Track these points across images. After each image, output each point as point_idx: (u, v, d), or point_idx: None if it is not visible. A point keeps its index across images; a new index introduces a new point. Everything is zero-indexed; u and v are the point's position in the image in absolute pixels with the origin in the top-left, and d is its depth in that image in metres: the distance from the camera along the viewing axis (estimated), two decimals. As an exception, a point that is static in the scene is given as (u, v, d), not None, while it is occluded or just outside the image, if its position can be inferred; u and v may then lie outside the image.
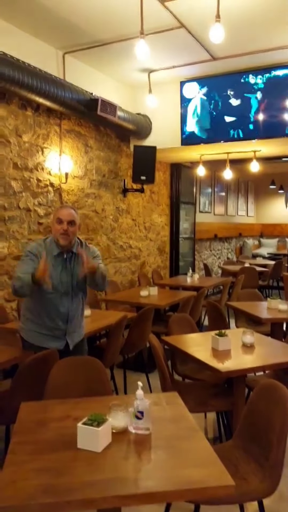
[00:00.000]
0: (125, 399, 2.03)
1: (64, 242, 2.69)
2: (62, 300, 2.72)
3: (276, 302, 4.22)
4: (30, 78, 4.01)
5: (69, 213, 2.69)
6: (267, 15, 4.01)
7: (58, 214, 2.70)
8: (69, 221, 2.67)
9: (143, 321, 3.85)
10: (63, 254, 2.73)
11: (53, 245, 2.73)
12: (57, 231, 2.68)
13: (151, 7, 3.72)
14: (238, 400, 2.66)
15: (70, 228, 2.67)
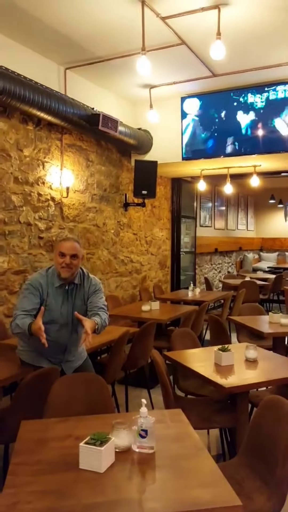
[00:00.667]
0: (128, 416, 1.98)
1: (66, 275, 2.63)
2: (62, 332, 2.67)
3: (278, 316, 4.19)
4: (32, 93, 4.04)
5: (72, 247, 2.64)
6: (268, 32, 4.05)
7: (60, 248, 2.64)
8: (72, 254, 2.62)
9: (145, 336, 3.81)
10: (64, 285, 2.68)
11: (55, 276, 2.68)
12: (58, 264, 2.63)
13: (152, 24, 3.77)
14: (241, 416, 2.61)
15: (73, 262, 2.62)
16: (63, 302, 2.67)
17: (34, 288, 2.62)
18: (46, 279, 2.67)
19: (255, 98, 5.32)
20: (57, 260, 2.64)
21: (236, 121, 5.46)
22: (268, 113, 5.26)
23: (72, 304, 2.70)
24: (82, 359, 2.90)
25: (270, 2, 3.54)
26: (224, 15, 3.66)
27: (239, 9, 3.65)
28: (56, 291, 2.66)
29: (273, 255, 13.03)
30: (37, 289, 2.61)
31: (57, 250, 2.65)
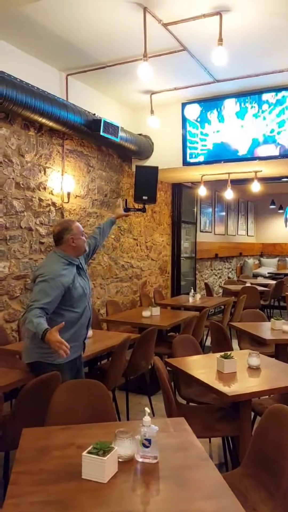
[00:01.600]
0: (130, 425, 1.96)
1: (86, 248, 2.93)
2: (88, 305, 2.86)
3: (280, 323, 4.17)
4: (33, 99, 4.04)
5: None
6: (270, 38, 4.06)
7: (79, 228, 2.85)
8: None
9: (146, 342, 3.78)
10: (74, 262, 2.84)
11: (71, 263, 2.80)
12: (84, 242, 2.87)
13: (154, 30, 3.78)
14: (244, 424, 2.58)
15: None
16: (83, 278, 2.86)
17: (60, 288, 2.64)
18: (65, 273, 2.71)
19: (258, 103, 5.32)
20: (82, 240, 2.84)
21: (238, 127, 5.46)
22: (269, 119, 5.27)
23: (86, 276, 2.94)
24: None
25: (271, 9, 3.55)
26: (225, 22, 3.66)
27: (240, 15, 3.65)
28: (76, 273, 2.81)
29: (273, 260, 13.02)
30: (63, 288, 2.65)
31: (78, 232, 2.82)
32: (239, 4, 3.49)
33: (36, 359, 2.66)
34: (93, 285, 5.64)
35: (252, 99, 5.36)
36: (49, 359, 2.67)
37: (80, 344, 2.88)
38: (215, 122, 5.61)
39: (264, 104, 5.30)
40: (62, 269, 2.71)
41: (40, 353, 2.66)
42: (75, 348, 2.77)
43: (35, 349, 2.66)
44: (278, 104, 5.21)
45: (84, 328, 2.87)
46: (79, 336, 2.84)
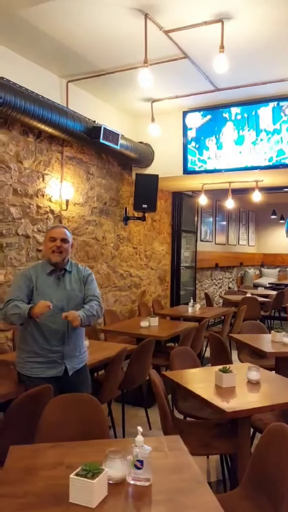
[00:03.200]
0: (123, 443, 1.87)
1: (57, 259, 2.70)
2: (56, 317, 2.60)
3: (281, 335, 4.08)
4: (33, 105, 3.99)
5: (61, 232, 2.75)
6: (272, 46, 4.02)
7: (50, 233, 2.75)
8: (62, 238, 2.73)
9: (143, 354, 3.69)
10: (56, 271, 2.74)
11: (46, 265, 2.75)
12: (49, 249, 2.70)
13: (155, 37, 3.74)
14: (243, 441, 2.49)
15: (63, 245, 2.72)
16: (56, 288, 2.71)
17: (24, 277, 2.67)
18: (36, 268, 2.75)
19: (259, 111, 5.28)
20: (47, 245, 2.72)
21: (239, 136, 5.41)
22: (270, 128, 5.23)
23: (66, 290, 2.72)
24: (84, 361, 2.84)
25: (273, 16, 3.51)
26: (227, 29, 3.62)
27: (242, 23, 3.61)
28: (48, 278, 2.71)
29: (274, 271, 12.93)
30: (28, 279, 2.66)
31: (48, 237, 2.75)
32: (241, 11, 3.45)
33: (16, 368, 2.69)
34: (91, 294, 5.54)
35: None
36: (21, 368, 2.67)
37: (52, 361, 2.62)
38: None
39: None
40: (33, 266, 2.79)
41: (17, 361, 2.69)
42: (47, 365, 2.61)
43: (17, 358, 2.71)
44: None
45: (52, 345, 2.61)
46: (46, 351, 2.61)
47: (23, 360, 2.66)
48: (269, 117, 5.24)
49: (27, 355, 2.64)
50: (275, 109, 5.20)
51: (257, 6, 3.36)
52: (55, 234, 2.72)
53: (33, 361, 2.62)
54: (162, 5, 3.36)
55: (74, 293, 2.74)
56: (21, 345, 2.69)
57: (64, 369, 2.65)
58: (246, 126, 5.38)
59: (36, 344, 2.62)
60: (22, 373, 2.65)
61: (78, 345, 2.77)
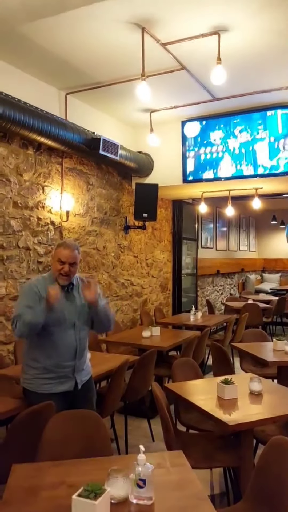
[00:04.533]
0: (125, 460, 1.87)
1: (64, 283, 2.63)
2: (69, 333, 2.62)
3: (282, 344, 4.07)
4: (32, 118, 4.03)
5: (71, 256, 2.59)
6: (268, 56, 4.06)
7: (59, 254, 2.60)
8: (71, 263, 2.60)
9: (146, 365, 3.69)
10: (63, 287, 2.66)
11: (53, 280, 2.65)
12: (57, 271, 2.61)
13: (152, 49, 3.77)
14: (245, 454, 2.49)
15: (71, 269, 2.61)
16: (67, 302, 2.65)
17: (32, 291, 2.59)
18: (42, 282, 2.64)
19: (257, 120, 5.31)
20: (55, 266, 2.61)
21: (238, 144, 5.44)
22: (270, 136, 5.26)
23: (76, 305, 2.67)
24: (89, 373, 2.84)
25: (269, 27, 3.54)
26: (224, 41, 3.66)
27: (238, 34, 3.65)
28: (63, 293, 2.64)
29: (275, 276, 12.92)
30: (35, 292, 2.58)
31: (56, 256, 2.61)
32: (237, 23, 3.48)
33: (22, 384, 2.65)
34: (93, 304, 5.55)
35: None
36: (28, 385, 2.63)
37: (64, 376, 2.61)
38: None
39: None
40: (40, 280, 2.68)
41: (23, 378, 2.65)
42: (57, 380, 2.60)
43: (22, 373, 2.67)
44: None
45: (64, 360, 2.60)
46: (58, 367, 2.59)
47: (32, 377, 2.61)
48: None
49: (37, 372, 2.59)
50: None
51: (252, 18, 3.40)
52: (64, 258, 2.57)
53: (43, 377, 2.58)
54: (158, 19, 3.40)
55: (85, 308, 2.70)
56: (29, 362, 2.63)
57: (74, 383, 2.65)
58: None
59: (48, 360, 2.58)
60: (30, 389, 2.60)
61: (85, 359, 2.79)
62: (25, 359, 2.69)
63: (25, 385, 2.64)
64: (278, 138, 5.21)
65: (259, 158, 5.33)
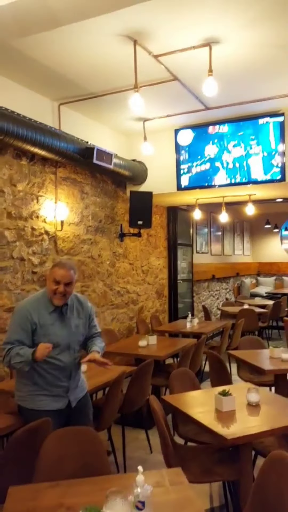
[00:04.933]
0: (123, 479, 1.86)
1: (59, 303, 2.60)
2: (64, 355, 2.61)
3: (279, 351, 4.07)
4: (25, 129, 4.02)
5: (66, 275, 2.55)
6: (258, 67, 4.10)
7: (54, 274, 2.54)
8: (67, 283, 2.55)
9: (143, 376, 3.68)
10: (59, 308, 2.63)
11: (47, 303, 2.62)
12: (52, 291, 2.56)
13: (144, 61, 3.79)
14: (244, 467, 2.48)
15: (67, 289, 2.57)
16: (60, 326, 2.62)
17: (24, 318, 2.54)
18: (36, 304, 2.60)
19: (248, 128, 5.34)
20: (50, 286, 2.56)
21: (231, 152, 5.46)
22: (261, 144, 5.29)
23: (71, 328, 2.66)
24: (84, 390, 2.83)
25: (259, 40, 3.58)
26: (215, 52, 3.68)
27: (230, 46, 3.67)
28: (51, 316, 2.60)
29: (270, 279, 12.96)
30: (27, 319, 2.54)
31: (51, 276, 2.56)
32: (228, 36, 3.50)
33: (17, 401, 2.63)
34: (88, 313, 5.53)
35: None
36: (23, 402, 2.61)
37: (57, 395, 2.60)
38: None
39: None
40: (34, 301, 2.62)
41: (17, 395, 2.64)
42: (52, 399, 2.59)
43: (16, 391, 2.65)
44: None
45: (59, 380, 2.60)
46: (52, 386, 2.59)
47: (26, 394, 2.59)
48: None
49: (32, 389, 2.58)
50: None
51: (243, 31, 3.42)
52: (59, 277, 2.52)
53: (39, 394, 2.57)
54: (150, 31, 3.41)
55: (79, 330, 2.70)
56: (23, 379, 2.60)
57: (67, 402, 2.64)
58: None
59: (43, 380, 2.57)
60: (25, 406, 2.59)
61: (80, 376, 2.79)
62: (18, 376, 2.66)
63: (20, 402, 2.62)
64: (270, 153, 5.25)
65: (253, 172, 5.37)
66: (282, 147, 5.19)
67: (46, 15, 2.76)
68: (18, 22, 2.82)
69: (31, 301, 2.66)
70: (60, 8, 2.68)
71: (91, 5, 2.68)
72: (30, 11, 2.70)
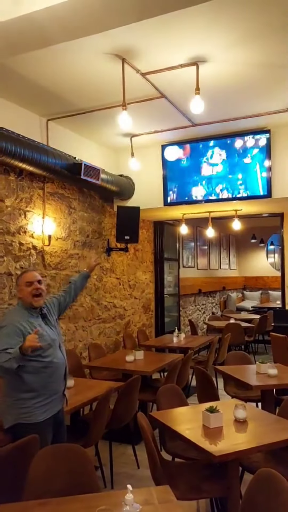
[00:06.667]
0: (112, 497, 1.85)
1: (40, 303, 2.73)
2: (57, 353, 2.72)
3: (266, 367, 4.10)
4: (13, 145, 4.04)
5: (34, 274, 2.77)
6: (244, 86, 4.20)
7: (24, 279, 2.74)
8: (37, 280, 2.74)
9: (130, 392, 3.67)
10: (37, 312, 2.75)
11: (26, 312, 2.71)
12: (29, 294, 2.69)
13: (132, 78, 3.86)
14: (232, 484, 2.48)
15: (41, 286, 2.74)
16: (46, 327, 2.74)
17: (14, 328, 2.58)
18: (19, 316, 2.67)
19: (235, 145, 5.45)
20: (26, 291, 2.70)
21: (217, 168, 5.56)
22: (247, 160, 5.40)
23: (54, 327, 2.83)
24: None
25: (245, 60, 3.68)
26: (202, 71, 3.77)
27: (216, 65, 3.77)
28: (36, 320, 2.72)
29: (256, 293, 13.07)
30: (18, 328, 2.58)
31: (22, 283, 2.72)
32: (215, 55, 3.60)
33: (15, 421, 2.56)
34: (75, 327, 5.52)
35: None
36: (28, 418, 2.57)
37: (59, 397, 2.75)
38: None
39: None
40: (21, 319, 2.66)
41: (17, 414, 2.57)
42: (55, 402, 2.70)
43: (12, 410, 2.58)
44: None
45: (59, 380, 2.72)
46: (56, 388, 2.69)
47: (30, 409, 2.56)
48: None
49: (35, 401, 2.58)
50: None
51: (230, 50, 3.52)
52: (29, 278, 2.72)
53: (41, 404, 2.59)
54: (138, 50, 3.48)
55: (58, 327, 2.92)
56: (22, 394, 2.58)
57: (65, 401, 2.81)
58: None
59: (40, 382, 2.59)
60: (29, 422, 2.55)
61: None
62: (18, 392, 2.59)
63: (21, 420, 2.55)
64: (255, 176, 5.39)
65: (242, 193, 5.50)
66: (268, 163, 5.30)
67: (36, 34, 2.80)
68: (8, 42, 2.86)
69: (13, 314, 2.76)
70: (50, 28, 2.73)
71: (81, 25, 2.72)
72: (21, 30, 2.74)
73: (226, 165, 5.52)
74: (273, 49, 3.50)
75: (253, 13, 3.00)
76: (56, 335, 2.79)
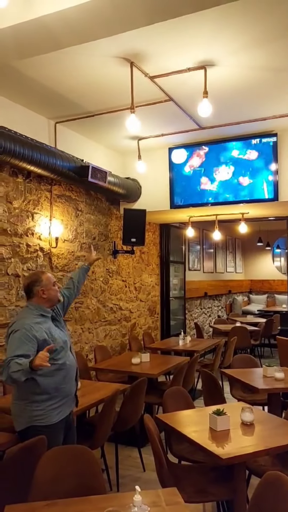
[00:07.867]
0: (119, 499, 1.85)
1: (61, 298, 2.90)
2: (68, 354, 2.75)
3: (272, 370, 4.09)
4: (22, 147, 4.06)
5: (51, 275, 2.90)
6: (251, 89, 4.20)
7: (51, 279, 2.82)
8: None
9: (136, 394, 3.67)
10: (50, 313, 2.80)
11: (41, 310, 2.73)
12: (57, 292, 2.82)
13: (140, 82, 3.87)
14: (238, 487, 2.48)
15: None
16: (57, 330, 2.78)
17: (27, 337, 2.54)
18: (34, 322, 2.64)
19: (242, 148, 5.46)
20: (54, 290, 2.79)
21: (225, 171, 5.56)
22: (254, 163, 5.39)
23: (64, 329, 2.88)
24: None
25: (252, 63, 3.68)
26: (210, 75, 3.78)
27: (224, 69, 3.77)
28: (48, 322, 2.73)
29: (262, 297, 13.02)
30: (31, 339, 2.54)
31: (50, 283, 2.78)
32: (222, 59, 3.61)
33: (28, 424, 2.55)
34: (81, 329, 5.53)
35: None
36: (42, 421, 2.57)
37: (71, 398, 2.79)
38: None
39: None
40: (34, 323, 2.62)
41: (29, 416, 2.56)
42: (67, 403, 2.73)
43: (25, 413, 2.57)
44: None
45: (72, 381, 2.76)
46: (69, 390, 2.73)
47: (44, 411, 2.57)
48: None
49: (49, 403, 2.57)
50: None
51: (238, 54, 3.53)
52: (53, 278, 2.85)
53: (55, 406, 2.60)
54: (146, 53, 3.50)
55: (66, 328, 2.96)
56: (36, 397, 2.57)
57: (76, 402, 2.86)
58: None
59: (54, 385, 2.60)
60: (43, 424, 2.55)
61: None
62: (28, 398, 2.58)
63: (35, 423, 2.54)
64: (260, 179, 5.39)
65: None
66: (275, 167, 5.30)
67: (46, 38, 2.83)
68: (19, 45, 2.88)
69: (25, 317, 2.67)
70: (60, 31, 2.75)
71: (91, 29, 2.74)
72: (31, 34, 2.76)
73: (233, 168, 5.52)
74: (280, 53, 3.51)
75: (260, 18, 3.02)
76: (66, 336, 2.82)
